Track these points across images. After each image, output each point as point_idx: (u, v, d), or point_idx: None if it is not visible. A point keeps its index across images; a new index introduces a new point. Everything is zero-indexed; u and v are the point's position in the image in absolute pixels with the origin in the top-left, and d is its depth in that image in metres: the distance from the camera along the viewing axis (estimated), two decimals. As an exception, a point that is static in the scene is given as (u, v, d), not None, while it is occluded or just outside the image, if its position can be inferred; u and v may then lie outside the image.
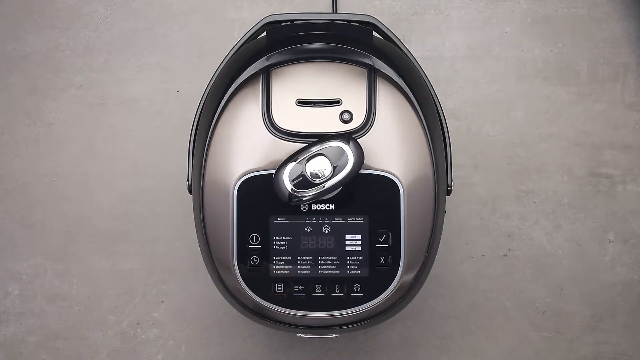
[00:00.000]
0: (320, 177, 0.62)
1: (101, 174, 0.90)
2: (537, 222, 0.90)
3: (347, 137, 0.63)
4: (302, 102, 0.66)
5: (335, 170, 0.62)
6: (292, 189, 0.62)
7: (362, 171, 0.63)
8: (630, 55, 0.91)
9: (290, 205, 0.64)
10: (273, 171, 0.63)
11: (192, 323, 0.90)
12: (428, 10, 0.92)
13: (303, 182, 0.62)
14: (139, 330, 0.90)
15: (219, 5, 0.92)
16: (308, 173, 0.62)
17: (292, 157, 0.62)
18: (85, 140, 0.91)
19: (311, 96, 0.66)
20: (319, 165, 0.62)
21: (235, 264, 0.66)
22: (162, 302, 0.90)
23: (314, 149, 0.62)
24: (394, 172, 0.65)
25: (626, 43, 0.91)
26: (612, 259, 0.90)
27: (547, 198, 0.90)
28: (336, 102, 0.66)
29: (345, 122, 0.65)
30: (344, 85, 0.66)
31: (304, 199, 0.62)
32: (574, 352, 0.89)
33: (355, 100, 0.66)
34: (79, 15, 0.92)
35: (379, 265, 0.66)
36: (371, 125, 0.65)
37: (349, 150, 0.62)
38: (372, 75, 0.67)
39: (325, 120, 0.65)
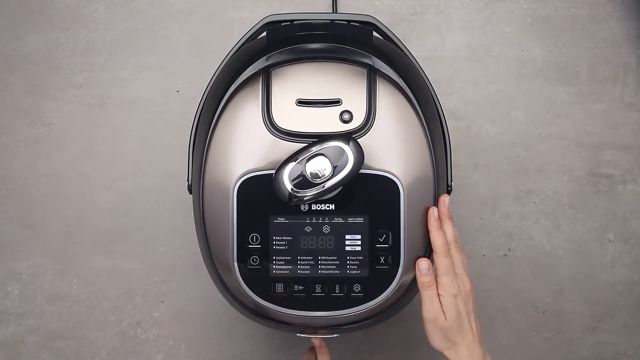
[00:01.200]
0: (320, 177, 0.62)
1: (101, 174, 0.90)
2: (537, 222, 0.90)
3: (347, 137, 0.63)
4: (302, 102, 0.66)
5: (335, 170, 0.62)
6: (292, 189, 0.62)
7: (362, 171, 0.63)
8: (630, 55, 0.91)
9: (290, 205, 0.64)
10: (273, 171, 0.63)
11: (192, 323, 0.90)
12: (428, 10, 0.92)
13: (303, 182, 0.62)
14: (139, 330, 0.90)
15: (219, 5, 0.92)
16: (308, 173, 0.62)
17: (292, 157, 0.62)
18: (85, 140, 0.91)
19: (311, 96, 0.66)
20: (319, 165, 0.62)
21: (235, 264, 0.66)
22: (162, 302, 0.90)
23: (314, 149, 0.62)
24: (394, 172, 0.65)
25: (626, 43, 0.91)
26: (612, 259, 0.90)
27: (547, 198, 0.90)
28: (336, 102, 0.66)
29: (345, 122, 0.65)
30: (344, 85, 0.66)
31: (304, 199, 0.62)
32: (574, 352, 0.89)
33: (355, 100, 0.66)
34: (79, 15, 0.92)
35: (379, 265, 0.66)
36: (371, 125, 0.65)
37: (349, 150, 0.62)
38: (372, 75, 0.67)
39: (325, 120, 0.65)
